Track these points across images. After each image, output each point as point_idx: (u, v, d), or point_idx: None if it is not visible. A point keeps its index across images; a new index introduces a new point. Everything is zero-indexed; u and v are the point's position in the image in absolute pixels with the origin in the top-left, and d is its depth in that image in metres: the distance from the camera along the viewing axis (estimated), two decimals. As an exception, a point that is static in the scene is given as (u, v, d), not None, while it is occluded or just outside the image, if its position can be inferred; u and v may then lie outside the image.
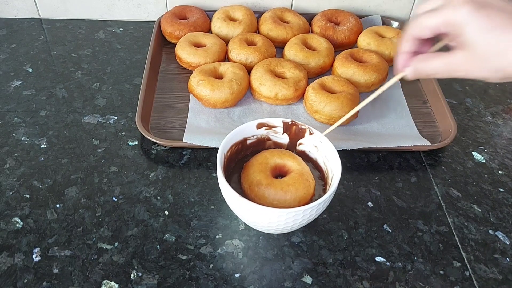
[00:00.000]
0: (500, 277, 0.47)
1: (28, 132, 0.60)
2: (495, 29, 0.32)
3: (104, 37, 0.79)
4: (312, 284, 0.46)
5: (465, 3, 0.33)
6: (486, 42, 0.33)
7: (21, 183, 0.54)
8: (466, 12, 0.33)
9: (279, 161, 0.49)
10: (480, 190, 0.56)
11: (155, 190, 0.54)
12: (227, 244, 0.49)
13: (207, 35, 0.71)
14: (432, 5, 0.36)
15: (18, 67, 0.71)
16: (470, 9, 0.33)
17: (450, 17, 0.34)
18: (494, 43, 0.32)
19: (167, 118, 0.63)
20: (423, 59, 0.38)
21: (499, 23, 0.32)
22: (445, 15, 0.34)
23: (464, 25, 0.33)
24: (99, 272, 0.45)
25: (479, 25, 0.33)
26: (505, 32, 0.32)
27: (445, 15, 0.34)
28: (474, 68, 0.34)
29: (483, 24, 0.33)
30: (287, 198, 0.46)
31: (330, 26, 0.75)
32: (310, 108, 0.62)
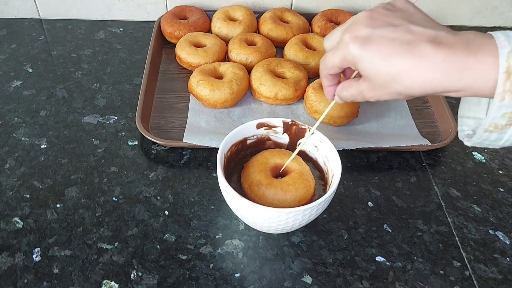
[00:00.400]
0: (500, 277, 0.47)
1: (28, 132, 0.60)
2: (383, 60, 0.34)
3: (104, 37, 0.79)
4: (312, 284, 0.46)
5: (350, 41, 0.35)
6: (378, 73, 0.35)
7: (21, 183, 0.54)
8: (354, 50, 0.35)
9: (279, 161, 0.50)
10: (480, 190, 0.56)
11: (155, 190, 0.54)
12: (227, 244, 0.49)
13: (207, 35, 0.71)
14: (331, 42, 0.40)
15: (18, 67, 0.71)
16: (356, 46, 0.35)
17: (344, 56, 0.37)
18: (385, 73, 0.34)
19: (167, 118, 0.63)
20: (342, 88, 0.41)
21: (385, 53, 0.34)
22: (339, 55, 0.37)
23: (356, 62, 0.36)
24: (99, 272, 0.46)
25: (368, 60, 0.35)
26: (393, 60, 0.34)
27: (339, 55, 0.37)
28: (380, 94, 0.37)
29: (371, 58, 0.35)
30: (287, 198, 0.46)
31: (330, 26, 0.75)
32: (310, 108, 0.62)
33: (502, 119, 0.32)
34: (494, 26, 0.87)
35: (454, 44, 0.33)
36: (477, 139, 0.35)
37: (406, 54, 0.33)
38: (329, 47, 0.40)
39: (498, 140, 0.34)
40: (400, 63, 0.34)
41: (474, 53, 0.32)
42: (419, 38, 0.33)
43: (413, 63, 0.33)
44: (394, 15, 0.36)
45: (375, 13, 0.36)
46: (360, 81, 0.38)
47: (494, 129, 0.33)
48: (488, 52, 0.31)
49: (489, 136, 0.34)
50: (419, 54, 0.33)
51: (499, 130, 0.33)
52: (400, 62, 0.34)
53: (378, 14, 0.36)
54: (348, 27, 0.37)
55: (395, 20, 0.35)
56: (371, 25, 0.35)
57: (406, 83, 0.34)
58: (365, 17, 0.36)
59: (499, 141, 0.34)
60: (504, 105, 0.31)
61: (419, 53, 0.33)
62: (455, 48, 0.32)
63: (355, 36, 0.36)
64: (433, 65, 0.33)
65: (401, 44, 0.34)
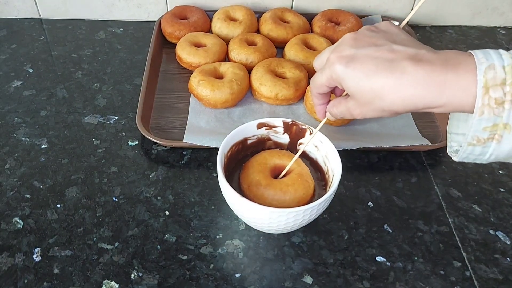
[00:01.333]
0: (500, 277, 0.47)
1: (29, 132, 0.60)
2: (365, 77, 0.36)
3: (104, 37, 0.79)
4: (312, 284, 0.46)
5: (335, 62, 0.38)
6: (362, 90, 0.37)
7: (22, 183, 0.54)
8: (338, 69, 0.37)
9: (279, 162, 0.49)
10: (480, 190, 0.56)
11: (155, 190, 0.54)
12: (228, 244, 0.49)
13: (207, 35, 0.71)
14: (320, 61, 0.42)
15: (18, 67, 0.71)
16: (340, 65, 0.37)
17: (330, 75, 0.39)
18: (368, 89, 0.36)
19: (168, 118, 0.63)
20: (332, 105, 0.43)
21: (367, 71, 0.36)
22: (326, 74, 0.39)
23: (342, 80, 0.38)
24: (99, 272, 0.45)
25: (351, 78, 0.37)
26: (375, 78, 0.35)
27: (326, 74, 0.39)
28: (365, 111, 0.38)
29: (354, 77, 0.36)
30: (286, 198, 0.46)
31: (330, 26, 0.75)
32: (311, 108, 0.62)
33: (483, 132, 0.33)
34: (494, 26, 0.87)
35: (434, 61, 0.34)
36: (463, 153, 0.36)
37: (387, 71, 0.35)
38: (318, 66, 0.42)
39: (483, 154, 0.35)
40: (382, 79, 0.35)
41: (453, 69, 0.33)
42: (401, 56, 0.35)
43: (394, 80, 0.34)
44: (377, 36, 0.38)
45: (359, 35, 0.38)
46: (348, 99, 0.40)
47: (477, 143, 0.34)
48: (467, 68, 0.33)
49: (473, 150, 0.35)
50: (400, 71, 0.34)
51: (482, 144, 0.34)
52: (382, 78, 0.35)
53: (362, 35, 0.38)
54: (335, 48, 0.39)
55: (378, 40, 0.37)
56: (355, 46, 0.37)
57: (389, 99, 0.35)
58: (350, 39, 0.38)
59: (484, 155, 0.35)
60: (484, 119, 0.32)
61: (401, 70, 0.34)
62: (435, 65, 0.34)
63: (340, 55, 0.38)
64: (414, 81, 0.34)
65: (383, 62, 0.35)
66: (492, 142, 0.34)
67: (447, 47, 0.81)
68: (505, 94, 0.32)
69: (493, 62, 0.32)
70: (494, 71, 0.32)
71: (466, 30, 0.86)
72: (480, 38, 0.84)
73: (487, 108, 0.32)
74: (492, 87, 0.32)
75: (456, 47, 0.81)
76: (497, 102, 0.32)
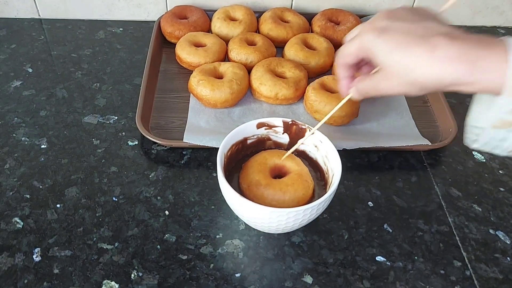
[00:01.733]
0: (500, 276, 0.47)
1: (28, 132, 0.60)
2: (398, 48, 0.36)
3: (104, 37, 0.79)
4: (312, 283, 0.46)
5: (369, 31, 0.38)
6: (392, 62, 0.37)
7: (21, 183, 0.54)
8: (371, 38, 0.38)
9: (278, 162, 0.49)
10: (480, 190, 0.56)
11: (155, 190, 0.54)
12: (228, 244, 0.49)
13: (207, 35, 0.71)
14: (352, 35, 0.42)
15: (18, 67, 0.71)
16: (374, 35, 0.38)
17: (361, 44, 0.39)
18: (398, 61, 0.36)
19: (167, 118, 0.63)
20: (358, 80, 0.44)
21: (400, 42, 0.36)
22: (357, 43, 0.40)
23: (373, 50, 0.38)
24: (99, 272, 0.45)
25: (383, 48, 0.37)
26: (407, 49, 0.36)
27: (357, 43, 0.40)
28: (393, 85, 0.38)
29: (386, 47, 0.37)
30: (286, 198, 0.46)
31: (330, 26, 0.75)
32: (310, 107, 0.62)
33: (509, 115, 0.33)
34: (495, 26, 0.87)
35: (467, 39, 0.34)
36: (485, 137, 0.36)
37: (419, 45, 0.35)
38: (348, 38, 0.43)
39: (504, 140, 0.35)
40: (413, 52, 0.35)
41: (486, 48, 0.33)
42: (434, 31, 0.35)
43: (426, 53, 0.35)
44: (412, 14, 0.38)
45: (394, 11, 0.39)
46: (375, 74, 0.41)
47: (501, 126, 0.34)
48: (499, 48, 0.33)
49: (496, 134, 0.35)
50: (432, 45, 0.34)
51: (506, 127, 0.34)
52: (413, 51, 0.35)
53: (397, 11, 0.39)
54: (368, 21, 0.40)
55: (413, 17, 0.38)
56: (389, 19, 0.38)
57: (418, 72, 0.35)
58: (385, 13, 0.39)
59: (505, 141, 0.35)
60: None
61: (433, 44, 0.34)
62: (468, 43, 0.34)
63: (373, 26, 0.38)
64: (445, 56, 0.34)
65: (416, 36, 0.35)
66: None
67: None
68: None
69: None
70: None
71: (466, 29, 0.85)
72: (480, 38, 0.84)
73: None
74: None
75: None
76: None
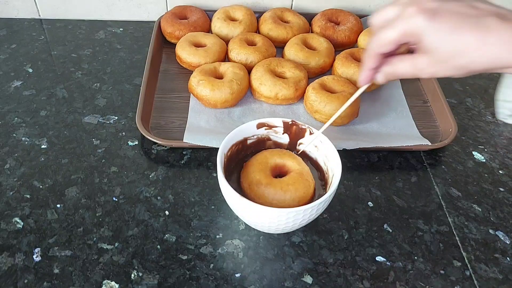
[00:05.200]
0: (500, 276, 0.47)
1: (29, 132, 0.60)
2: (451, 33, 0.34)
3: (104, 37, 0.79)
4: (312, 283, 0.46)
5: (418, 13, 0.35)
6: (445, 46, 0.35)
7: (22, 183, 0.54)
8: (421, 22, 0.35)
9: (279, 161, 0.49)
10: (480, 190, 0.56)
11: (155, 190, 0.54)
12: (228, 244, 0.49)
13: (207, 35, 0.71)
14: (386, 15, 0.38)
15: (18, 67, 0.71)
16: (424, 18, 0.35)
17: (408, 29, 0.36)
18: (451, 46, 0.35)
19: (168, 118, 0.63)
20: (393, 63, 0.40)
21: (453, 26, 0.34)
22: (402, 27, 0.36)
23: (422, 34, 0.35)
24: (99, 272, 0.45)
25: (436, 32, 0.35)
26: (460, 34, 0.34)
27: (402, 27, 0.36)
28: (439, 69, 0.37)
29: (438, 31, 0.35)
30: (287, 197, 0.46)
31: (330, 26, 0.75)
32: (311, 108, 0.62)
33: None
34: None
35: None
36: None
37: (473, 27, 0.34)
38: (380, 23, 0.39)
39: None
40: (468, 36, 0.34)
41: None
42: (485, 13, 0.34)
43: (480, 37, 0.34)
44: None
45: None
46: (418, 55, 0.38)
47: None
48: None
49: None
50: (486, 28, 0.33)
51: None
52: (468, 35, 0.34)
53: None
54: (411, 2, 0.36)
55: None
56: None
57: (471, 56, 0.34)
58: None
59: None
60: None
61: (486, 27, 0.33)
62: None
63: (422, 8, 0.35)
64: (499, 39, 0.33)
65: (469, 17, 0.34)
66: None
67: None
68: None
69: None
70: None
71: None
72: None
73: None
74: None
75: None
76: None
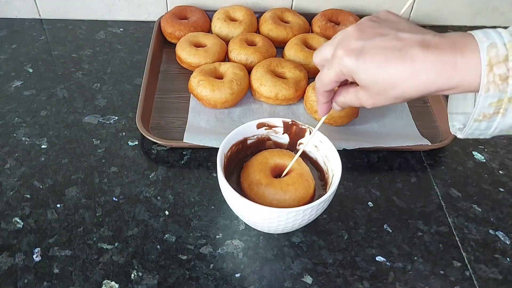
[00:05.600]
0: (500, 277, 0.47)
1: (29, 132, 0.60)
2: (378, 69, 0.36)
3: (104, 38, 0.79)
4: (312, 284, 0.46)
5: (345, 55, 0.37)
6: (376, 81, 0.37)
7: (22, 183, 0.54)
8: (349, 63, 0.37)
9: (279, 161, 0.50)
10: (480, 190, 0.56)
11: (155, 190, 0.54)
12: (227, 244, 0.49)
13: (207, 35, 0.71)
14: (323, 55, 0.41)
15: (18, 67, 0.71)
16: (351, 59, 0.37)
17: (340, 70, 0.38)
18: (382, 80, 0.36)
19: (168, 118, 0.63)
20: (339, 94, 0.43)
21: (379, 62, 0.36)
22: (335, 69, 0.39)
23: (354, 73, 0.38)
24: (99, 272, 0.46)
25: (364, 70, 0.37)
26: (387, 69, 0.36)
27: (335, 69, 0.39)
28: (378, 100, 0.39)
29: (367, 69, 0.36)
30: (287, 198, 0.46)
31: (330, 26, 0.75)
32: (311, 108, 0.62)
33: (489, 108, 0.35)
34: (495, 26, 0.86)
35: (442, 45, 0.35)
36: (469, 129, 0.37)
37: (399, 60, 0.35)
38: (319, 62, 0.42)
39: (488, 128, 0.36)
40: (395, 69, 0.35)
41: (460, 51, 0.34)
42: (409, 43, 0.35)
43: (406, 68, 0.35)
44: (380, 26, 0.38)
45: (362, 26, 0.38)
46: (358, 89, 0.40)
47: (483, 118, 0.36)
48: (473, 49, 0.34)
49: (479, 126, 0.36)
50: (411, 59, 0.35)
51: (488, 119, 0.35)
52: (394, 68, 0.35)
53: (365, 26, 0.38)
54: (340, 42, 0.38)
55: (382, 30, 0.37)
56: (362, 38, 0.37)
57: (402, 87, 0.36)
58: (354, 31, 0.38)
59: (488, 129, 0.37)
60: (490, 96, 0.34)
61: (411, 57, 0.35)
62: (444, 49, 0.34)
63: (348, 49, 0.37)
64: (424, 67, 0.34)
65: (393, 51, 0.35)
66: (497, 116, 0.35)
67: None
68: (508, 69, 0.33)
69: (494, 41, 0.33)
70: (496, 49, 0.33)
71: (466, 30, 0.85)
72: (480, 38, 0.84)
73: (492, 85, 0.33)
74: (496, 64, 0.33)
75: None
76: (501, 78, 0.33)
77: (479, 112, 0.35)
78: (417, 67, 0.34)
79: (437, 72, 0.34)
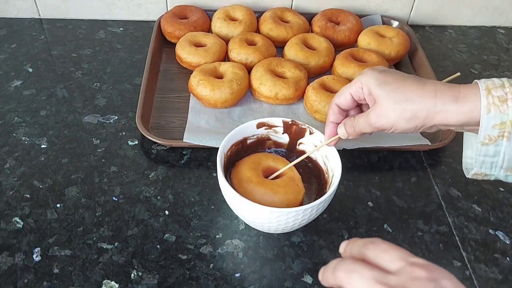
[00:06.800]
0: (500, 276, 0.47)
1: (29, 132, 0.60)
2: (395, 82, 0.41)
3: (104, 37, 0.79)
4: (312, 283, 0.46)
5: (368, 72, 0.43)
6: (386, 94, 0.41)
7: (22, 183, 0.54)
8: (371, 76, 0.43)
9: (272, 164, 0.50)
10: (480, 190, 0.56)
11: (155, 190, 0.54)
12: (227, 244, 0.49)
13: (207, 35, 0.71)
14: None
15: (18, 67, 0.71)
16: (373, 74, 0.43)
17: (360, 82, 0.43)
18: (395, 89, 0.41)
19: (167, 118, 0.63)
20: (350, 119, 0.46)
21: (391, 79, 0.42)
22: (357, 81, 0.44)
23: (372, 84, 0.42)
24: (99, 272, 0.46)
25: (383, 81, 0.42)
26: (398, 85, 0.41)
27: (357, 81, 0.44)
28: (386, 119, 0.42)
29: (385, 80, 0.42)
30: (275, 199, 0.46)
31: (330, 26, 0.75)
32: (310, 107, 0.62)
33: (493, 130, 0.37)
34: (494, 26, 0.87)
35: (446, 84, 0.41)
36: (477, 156, 0.39)
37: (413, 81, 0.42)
38: None
39: (497, 154, 0.39)
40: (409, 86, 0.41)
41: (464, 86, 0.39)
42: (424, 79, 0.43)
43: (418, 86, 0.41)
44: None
45: None
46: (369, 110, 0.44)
47: (489, 142, 0.38)
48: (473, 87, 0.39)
49: (487, 151, 0.39)
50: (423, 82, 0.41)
51: (494, 142, 0.38)
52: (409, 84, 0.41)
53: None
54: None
55: None
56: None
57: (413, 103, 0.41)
58: None
59: (497, 155, 0.39)
60: (492, 117, 0.37)
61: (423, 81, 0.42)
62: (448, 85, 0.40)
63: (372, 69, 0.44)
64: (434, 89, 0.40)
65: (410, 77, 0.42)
66: (503, 140, 0.37)
67: (447, 47, 0.81)
68: (506, 93, 0.37)
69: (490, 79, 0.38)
70: (492, 81, 0.38)
71: (466, 30, 0.86)
72: (480, 38, 0.84)
73: (493, 106, 0.37)
74: (493, 88, 0.37)
75: (456, 46, 0.81)
76: (500, 100, 0.36)
77: (484, 134, 0.37)
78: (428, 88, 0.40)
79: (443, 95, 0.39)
